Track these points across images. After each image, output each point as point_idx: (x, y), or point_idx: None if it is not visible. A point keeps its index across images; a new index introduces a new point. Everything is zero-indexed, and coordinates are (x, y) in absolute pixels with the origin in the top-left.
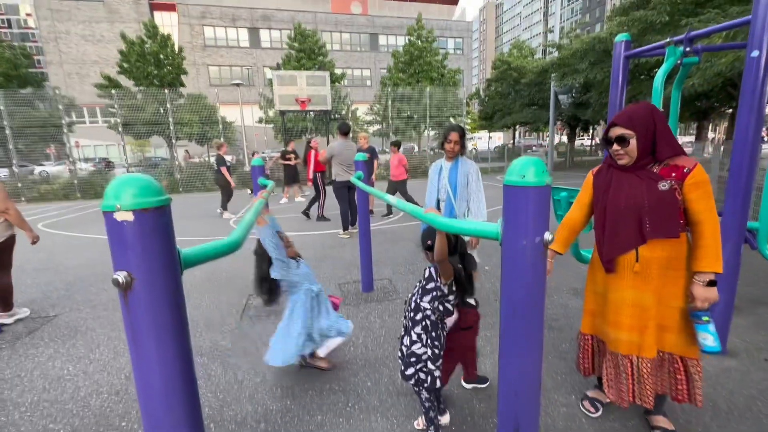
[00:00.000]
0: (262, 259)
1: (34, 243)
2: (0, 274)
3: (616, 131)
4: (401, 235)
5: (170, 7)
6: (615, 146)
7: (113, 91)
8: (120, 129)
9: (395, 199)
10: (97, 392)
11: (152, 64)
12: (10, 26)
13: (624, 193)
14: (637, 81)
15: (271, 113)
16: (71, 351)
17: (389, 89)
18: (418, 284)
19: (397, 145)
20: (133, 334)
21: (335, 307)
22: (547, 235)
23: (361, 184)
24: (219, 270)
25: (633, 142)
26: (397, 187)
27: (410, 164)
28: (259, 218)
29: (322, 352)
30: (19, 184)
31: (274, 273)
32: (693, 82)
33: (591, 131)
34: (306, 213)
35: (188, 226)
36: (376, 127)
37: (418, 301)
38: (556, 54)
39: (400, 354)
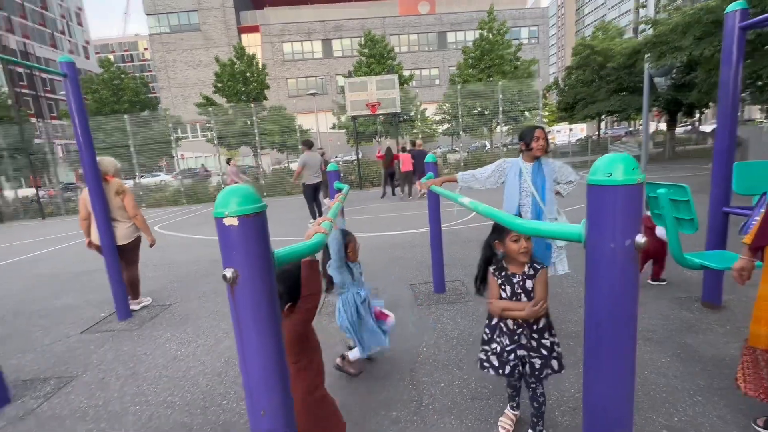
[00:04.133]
0: (326, 252)
1: (152, 245)
2: (130, 268)
3: None
4: (471, 237)
5: (254, 29)
6: None
7: (210, 109)
8: (215, 141)
9: (468, 200)
10: (204, 373)
11: (240, 82)
12: (132, 60)
13: None
14: (759, 53)
15: (343, 119)
16: (183, 336)
17: (458, 86)
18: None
19: (403, 150)
20: (238, 322)
21: (376, 316)
22: (640, 238)
23: (438, 189)
24: None
25: None
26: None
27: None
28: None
29: (352, 356)
30: (141, 193)
31: (330, 269)
32: None
33: (698, 116)
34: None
35: (271, 228)
36: (446, 125)
37: (538, 338)
38: (650, 31)
39: (517, 374)
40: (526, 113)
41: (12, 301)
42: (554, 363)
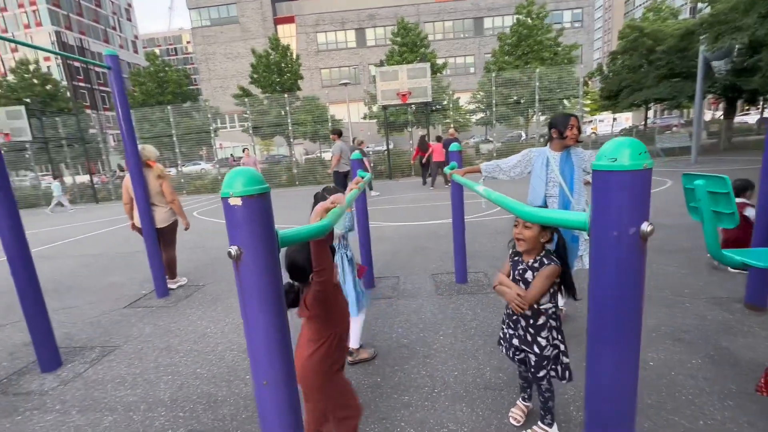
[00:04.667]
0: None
1: (186, 229)
2: (168, 250)
3: None
4: (499, 228)
5: (290, 20)
6: None
7: (246, 100)
8: (251, 131)
9: (483, 188)
10: (230, 349)
11: (275, 73)
12: (176, 53)
13: None
14: None
15: (374, 109)
16: (213, 314)
17: (493, 75)
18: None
19: (438, 139)
20: (242, 296)
21: (359, 273)
22: (646, 226)
23: (459, 178)
24: None
25: None
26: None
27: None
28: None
29: (354, 344)
30: (182, 180)
31: (342, 226)
32: None
33: (761, 103)
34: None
35: (300, 215)
36: (480, 115)
37: (537, 306)
38: (707, 10)
39: (518, 363)
40: (566, 101)
41: (66, 277)
42: (558, 369)
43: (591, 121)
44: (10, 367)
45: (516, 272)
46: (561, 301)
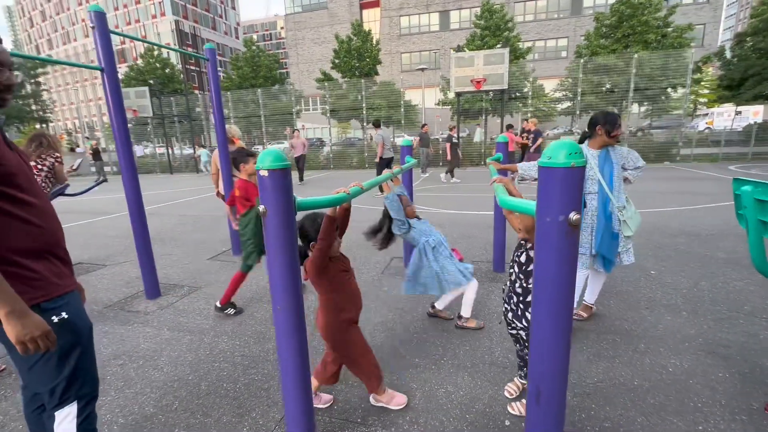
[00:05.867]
0: (385, 217)
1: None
2: None
3: None
4: None
5: (375, 4)
6: None
7: (326, 84)
8: (328, 114)
9: (496, 176)
10: None
11: (355, 58)
12: (271, 38)
13: None
14: None
15: (450, 95)
16: None
17: (582, 60)
18: (513, 272)
19: (508, 128)
20: (267, 242)
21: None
22: (573, 215)
23: (492, 167)
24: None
25: None
26: None
27: None
28: (386, 186)
29: (440, 305)
30: None
31: (395, 229)
32: None
33: None
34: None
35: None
36: (567, 104)
37: (525, 285)
38: None
39: (513, 338)
40: (670, 91)
41: (168, 231)
42: None
43: (707, 114)
44: (127, 292)
45: (515, 255)
46: (593, 298)
